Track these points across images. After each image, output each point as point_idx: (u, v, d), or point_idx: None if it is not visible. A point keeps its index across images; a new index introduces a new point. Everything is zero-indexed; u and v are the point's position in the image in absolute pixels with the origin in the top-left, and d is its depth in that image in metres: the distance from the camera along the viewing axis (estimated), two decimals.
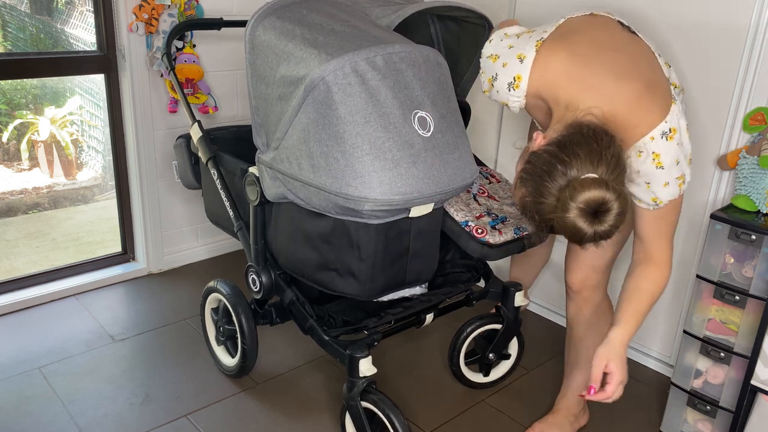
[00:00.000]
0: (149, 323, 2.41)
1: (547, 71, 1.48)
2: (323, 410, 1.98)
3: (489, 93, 1.61)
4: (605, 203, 1.29)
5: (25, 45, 3.03)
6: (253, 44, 1.59)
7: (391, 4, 1.79)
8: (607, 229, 1.32)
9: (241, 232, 1.90)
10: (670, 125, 1.44)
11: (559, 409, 1.93)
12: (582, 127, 1.36)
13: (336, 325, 1.80)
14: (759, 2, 1.80)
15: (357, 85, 1.42)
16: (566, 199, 1.30)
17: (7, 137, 3.49)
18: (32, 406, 1.93)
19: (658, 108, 1.45)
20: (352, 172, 1.41)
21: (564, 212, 1.31)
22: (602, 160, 1.31)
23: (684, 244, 2.12)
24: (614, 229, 1.33)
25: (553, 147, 1.35)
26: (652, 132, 1.43)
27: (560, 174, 1.32)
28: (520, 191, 1.41)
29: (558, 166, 1.32)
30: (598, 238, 1.33)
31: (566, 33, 1.52)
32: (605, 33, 1.52)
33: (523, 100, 1.54)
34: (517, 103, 1.56)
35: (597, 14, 1.58)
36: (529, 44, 1.51)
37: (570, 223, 1.31)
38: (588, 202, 1.29)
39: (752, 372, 1.70)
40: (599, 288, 1.80)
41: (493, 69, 1.57)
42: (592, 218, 1.30)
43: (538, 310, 2.64)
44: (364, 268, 1.56)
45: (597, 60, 1.46)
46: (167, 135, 2.65)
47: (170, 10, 2.46)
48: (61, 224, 3.38)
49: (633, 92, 1.43)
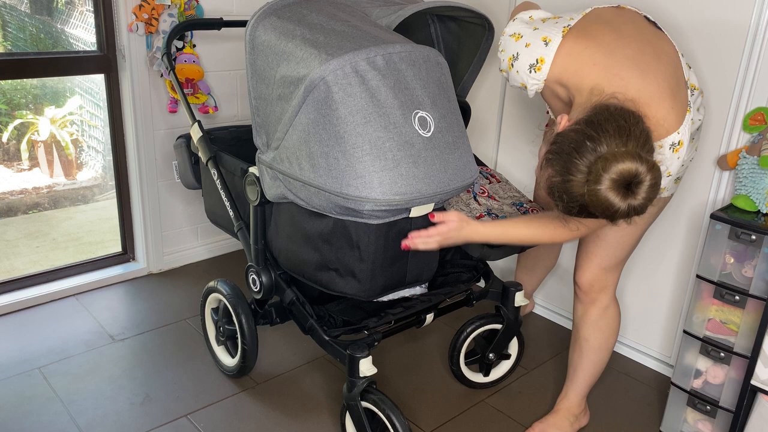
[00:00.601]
0: (149, 323, 2.41)
1: (572, 57, 1.47)
2: (323, 410, 1.98)
3: (506, 73, 1.58)
4: (638, 175, 1.26)
5: (25, 45, 3.03)
6: (253, 44, 1.59)
7: (391, 4, 1.79)
8: (641, 202, 1.29)
9: (241, 232, 1.90)
10: (680, 137, 1.44)
11: (559, 409, 1.93)
12: (609, 107, 1.34)
13: (336, 325, 1.80)
14: (759, 2, 1.80)
15: (357, 85, 1.42)
16: (598, 172, 1.26)
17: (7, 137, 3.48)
18: (32, 406, 1.93)
19: (676, 115, 1.43)
20: (352, 172, 1.41)
21: (596, 185, 1.27)
22: (631, 136, 1.28)
23: (684, 244, 2.12)
24: (648, 202, 1.30)
25: (580, 125, 1.32)
26: (664, 140, 1.43)
27: (589, 150, 1.28)
28: (547, 171, 1.37)
29: (587, 143, 1.29)
30: (632, 212, 1.30)
31: (593, 22, 1.51)
32: (631, 26, 1.52)
33: (541, 84, 1.52)
34: (534, 87, 1.54)
35: (624, 7, 1.57)
36: (555, 29, 1.50)
37: (602, 198, 1.28)
38: (621, 174, 1.26)
39: (752, 372, 1.70)
40: (607, 290, 1.80)
41: (515, 48, 1.55)
42: (625, 191, 1.27)
43: (538, 310, 2.64)
44: (365, 268, 1.56)
45: (622, 51, 1.45)
46: (167, 135, 2.65)
47: (170, 10, 2.46)
48: (61, 224, 3.38)
49: (656, 92, 1.42)
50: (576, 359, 1.88)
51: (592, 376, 1.88)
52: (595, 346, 1.83)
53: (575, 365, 1.89)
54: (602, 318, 1.81)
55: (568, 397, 1.92)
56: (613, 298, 1.82)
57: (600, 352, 1.84)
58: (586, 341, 1.84)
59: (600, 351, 1.84)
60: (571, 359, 1.91)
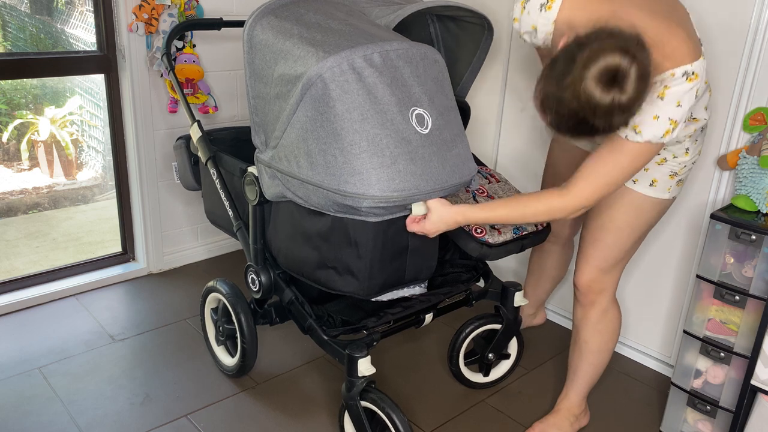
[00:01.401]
0: (149, 323, 2.41)
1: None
2: (323, 410, 1.98)
3: (519, 19, 1.58)
4: (622, 68, 1.26)
5: (25, 45, 3.03)
6: (251, 43, 1.59)
7: (390, 3, 1.79)
8: (630, 96, 1.29)
9: (240, 232, 1.90)
10: (694, 69, 1.42)
11: (559, 409, 1.92)
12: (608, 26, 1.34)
13: (335, 324, 1.80)
14: (759, 2, 1.80)
15: (354, 82, 1.42)
16: (585, 66, 1.27)
17: (7, 137, 3.49)
18: (32, 406, 1.93)
19: (688, 50, 1.42)
20: (350, 169, 1.41)
21: (582, 82, 1.28)
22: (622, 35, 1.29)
23: (684, 244, 2.12)
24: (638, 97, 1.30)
25: (574, 40, 1.34)
26: (677, 69, 1.41)
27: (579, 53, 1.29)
28: (540, 85, 1.37)
29: (578, 52, 1.30)
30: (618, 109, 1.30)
31: None
32: None
33: (551, 26, 1.51)
34: (544, 29, 1.53)
35: None
36: None
37: (588, 93, 1.28)
38: (606, 66, 1.26)
39: (752, 372, 1.70)
40: (605, 292, 1.79)
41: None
42: (610, 84, 1.27)
43: None
44: (363, 266, 1.56)
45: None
46: (167, 135, 2.65)
47: (170, 10, 2.46)
48: (61, 224, 3.39)
49: (667, 28, 1.42)
50: (576, 361, 1.88)
51: (592, 378, 1.88)
52: (595, 349, 1.83)
53: (575, 367, 1.89)
54: (601, 321, 1.80)
55: (569, 397, 1.92)
56: (612, 301, 1.81)
57: (600, 355, 1.84)
58: (585, 343, 1.84)
59: (600, 354, 1.84)
60: (571, 361, 1.91)
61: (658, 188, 1.66)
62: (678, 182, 1.68)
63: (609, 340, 1.83)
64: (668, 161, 1.63)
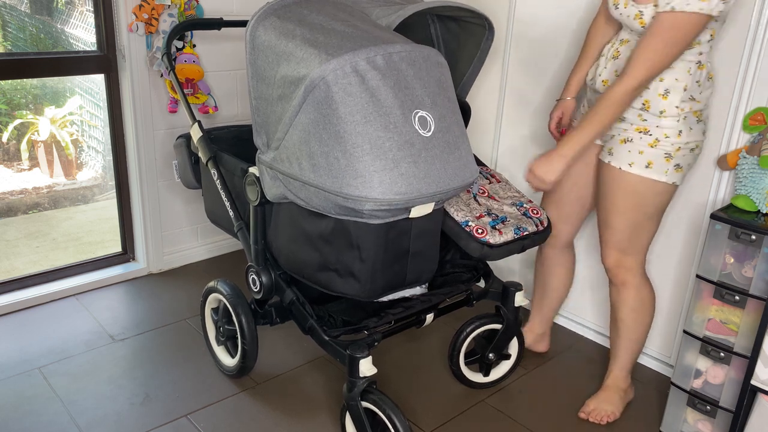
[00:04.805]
0: (149, 323, 2.41)
1: None
2: (323, 410, 1.98)
3: None
4: None
5: (25, 45, 3.03)
6: (253, 44, 1.59)
7: (391, 4, 1.79)
8: None
9: (241, 232, 1.90)
10: None
11: (607, 386, 2.04)
12: None
13: (336, 325, 1.80)
14: (759, 2, 1.80)
15: (357, 84, 1.42)
16: None
17: (7, 137, 3.49)
18: (32, 406, 1.93)
19: None
20: (352, 172, 1.41)
21: None
22: None
23: (684, 244, 2.12)
24: None
25: None
26: None
27: None
28: None
29: None
30: None
31: None
32: None
33: None
34: None
35: None
36: None
37: None
38: None
39: (752, 372, 1.70)
40: (633, 271, 1.90)
41: None
42: None
43: None
44: (365, 268, 1.56)
45: None
46: (167, 135, 2.65)
47: (170, 10, 2.46)
48: (61, 224, 3.39)
49: None
50: (615, 339, 2.00)
51: (633, 353, 2.00)
52: (631, 327, 1.95)
53: (616, 345, 2.01)
54: (635, 299, 1.92)
55: (614, 373, 2.03)
56: (643, 279, 1.92)
57: (636, 331, 1.96)
58: (622, 322, 1.96)
59: (636, 330, 1.96)
60: (612, 339, 2.03)
61: (653, 170, 1.75)
62: (676, 167, 1.74)
63: (645, 316, 1.94)
64: (661, 142, 1.72)
